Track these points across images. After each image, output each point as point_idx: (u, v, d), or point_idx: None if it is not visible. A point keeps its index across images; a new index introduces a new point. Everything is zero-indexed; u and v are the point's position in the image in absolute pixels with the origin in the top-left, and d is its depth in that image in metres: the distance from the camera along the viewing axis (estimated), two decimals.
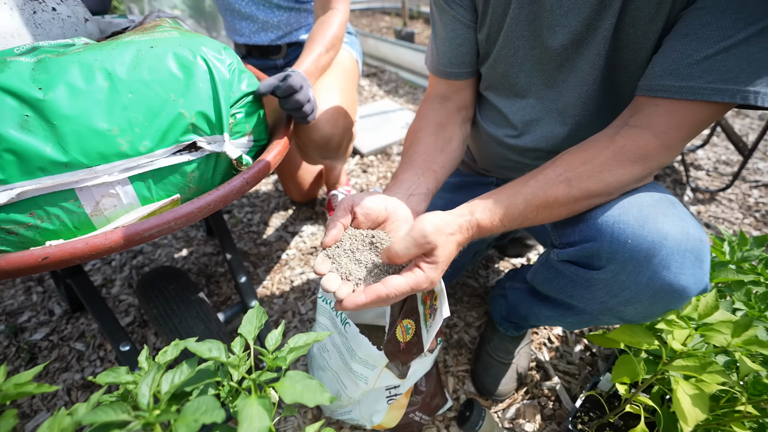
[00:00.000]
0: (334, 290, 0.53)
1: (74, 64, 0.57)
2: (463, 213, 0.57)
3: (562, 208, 0.59)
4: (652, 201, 0.58)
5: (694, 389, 0.55)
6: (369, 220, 0.61)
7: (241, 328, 0.47)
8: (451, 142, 0.77)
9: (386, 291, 0.50)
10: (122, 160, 0.60)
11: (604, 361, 1.06)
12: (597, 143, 0.59)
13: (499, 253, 1.40)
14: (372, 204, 0.61)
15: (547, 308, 0.82)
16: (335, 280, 0.54)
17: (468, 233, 0.57)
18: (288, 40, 1.27)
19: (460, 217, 0.56)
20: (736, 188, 1.76)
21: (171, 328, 0.81)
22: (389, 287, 0.51)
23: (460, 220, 0.55)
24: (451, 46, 0.75)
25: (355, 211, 0.60)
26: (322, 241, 0.58)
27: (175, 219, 0.57)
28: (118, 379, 0.45)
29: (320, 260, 0.56)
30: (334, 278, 0.55)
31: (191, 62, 0.65)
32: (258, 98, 0.76)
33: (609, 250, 0.57)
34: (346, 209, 0.60)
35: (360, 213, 0.60)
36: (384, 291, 0.50)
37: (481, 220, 0.57)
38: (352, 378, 0.75)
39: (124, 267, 1.44)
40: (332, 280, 0.54)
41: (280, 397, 0.40)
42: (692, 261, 0.54)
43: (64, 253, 0.49)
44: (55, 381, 1.08)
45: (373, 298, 0.50)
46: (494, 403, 0.98)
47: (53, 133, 0.54)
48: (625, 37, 0.60)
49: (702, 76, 0.52)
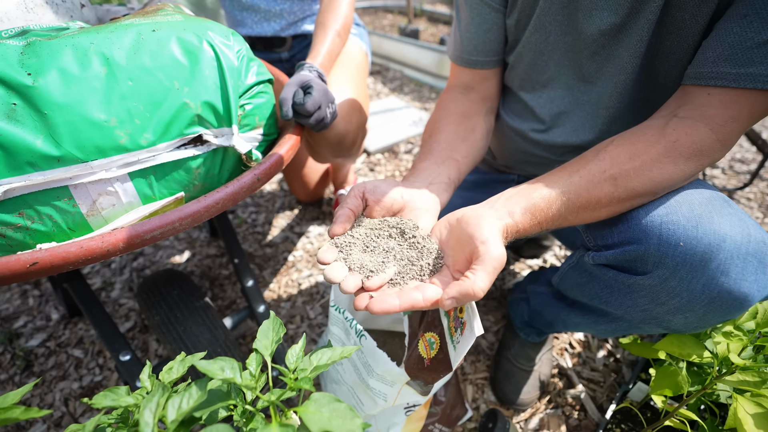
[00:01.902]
0: (339, 281, 0.46)
1: (68, 48, 0.51)
2: (502, 215, 0.49)
3: (603, 209, 0.53)
4: (704, 199, 0.52)
5: (756, 407, 0.49)
6: (383, 209, 0.55)
7: (257, 342, 0.42)
8: (475, 132, 0.71)
9: (423, 303, 0.43)
10: (121, 155, 0.55)
11: (629, 367, 1.01)
12: (645, 136, 0.52)
13: (514, 254, 1.34)
14: (386, 190, 0.55)
15: (576, 314, 0.76)
16: (341, 271, 0.47)
17: (506, 240, 0.49)
18: (293, 31, 1.21)
19: (501, 221, 0.48)
20: (754, 187, 1.70)
21: (175, 337, 0.76)
22: (427, 299, 0.44)
23: (500, 223, 0.48)
24: (477, 32, 0.69)
25: (367, 198, 0.54)
26: (329, 230, 0.51)
27: (180, 219, 0.52)
28: (118, 402, 0.40)
29: (325, 248, 0.49)
30: (339, 268, 0.47)
31: (197, 48, 0.60)
32: (268, 88, 0.70)
33: (657, 253, 0.51)
34: (357, 196, 0.54)
35: (372, 200, 0.54)
36: (421, 302, 0.43)
37: (521, 224, 0.50)
38: (370, 395, 0.69)
39: (124, 269, 1.38)
40: (337, 270, 0.46)
41: (306, 424, 0.34)
42: (755, 265, 0.49)
43: (56, 258, 0.44)
44: (52, 390, 1.02)
45: (406, 306, 0.43)
46: (516, 413, 0.93)
47: (44, 123, 0.49)
48: (670, 22, 0.54)
49: (764, 61, 0.46)
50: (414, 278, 0.47)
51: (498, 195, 0.53)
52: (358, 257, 0.48)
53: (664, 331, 0.61)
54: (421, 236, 0.50)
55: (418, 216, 0.55)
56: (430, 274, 0.48)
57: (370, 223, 0.53)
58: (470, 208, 0.51)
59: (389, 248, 0.50)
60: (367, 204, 0.54)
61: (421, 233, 0.51)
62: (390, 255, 0.49)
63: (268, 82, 0.72)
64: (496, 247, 0.43)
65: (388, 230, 0.52)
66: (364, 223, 0.53)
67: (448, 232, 0.50)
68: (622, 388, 0.86)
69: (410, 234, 0.51)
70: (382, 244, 0.50)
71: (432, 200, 0.57)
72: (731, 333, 0.54)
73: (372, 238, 0.51)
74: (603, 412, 0.90)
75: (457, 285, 0.42)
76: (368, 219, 0.53)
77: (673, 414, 0.65)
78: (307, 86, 0.73)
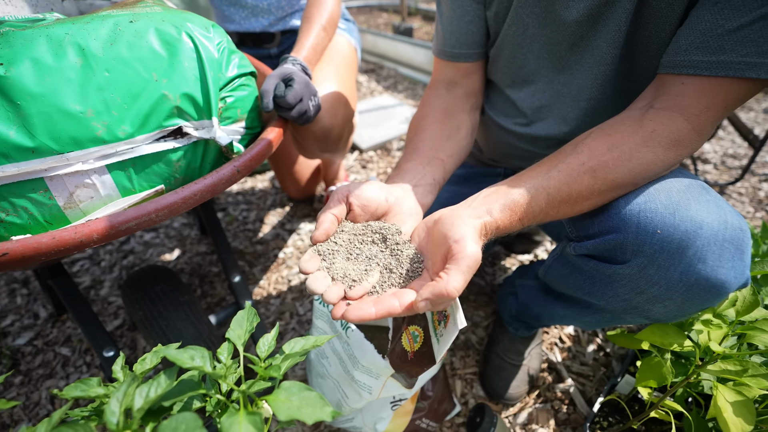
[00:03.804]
0: (321, 292, 0.45)
1: (41, 38, 0.51)
2: (480, 214, 0.48)
3: (584, 202, 0.53)
4: (682, 187, 0.52)
5: (736, 395, 0.49)
6: (367, 213, 0.53)
7: (229, 332, 0.41)
8: (460, 130, 0.71)
9: (399, 310, 0.42)
10: (98, 146, 0.54)
11: (618, 361, 1.01)
12: (623, 127, 0.52)
13: (506, 250, 1.34)
14: (370, 194, 0.53)
15: (561, 307, 0.76)
16: (323, 281, 0.46)
17: (486, 237, 0.48)
18: (282, 27, 1.21)
19: (478, 219, 0.47)
20: (745, 182, 1.71)
21: (158, 332, 0.75)
22: (403, 304, 0.43)
23: (477, 222, 0.47)
24: (459, 24, 0.69)
25: (351, 202, 0.53)
26: (311, 236, 0.50)
27: (157, 210, 0.51)
28: (87, 393, 0.39)
29: (307, 257, 0.48)
30: (322, 278, 0.46)
31: (175, 39, 0.59)
32: (251, 81, 0.70)
33: (635, 241, 0.51)
34: (340, 199, 0.53)
35: (356, 204, 0.53)
36: (397, 309, 0.42)
37: (500, 221, 0.49)
38: (355, 387, 0.68)
39: (113, 267, 1.38)
40: (319, 281, 0.46)
41: (274, 412, 0.34)
42: (732, 252, 0.48)
43: (27, 248, 0.43)
44: (39, 389, 1.01)
45: (383, 314, 0.42)
46: (505, 408, 0.92)
47: (17, 114, 0.48)
48: (647, 11, 0.54)
49: (735, 48, 0.46)
50: (393, 286, 0.47)
51: (477, 194, 0.52)
52: (341, 266, 0.47)
53: (645, 321, 0.61)
54: (402, 242, 0.50)
55: (403, 221, 0.54)
56: (408, 280, 0.47)
57: (353, 228, 0.52)
58: (448, 208, 0.50)
59: (372, 255, 0.49)
60: (351, 208, 0.53)
61: (403, 239, 0.50)
62: (372, 262, 0.48)
63: (250, 75, 0.72)
64: (470, 245, 0.42)
65: (371, 236, 0.51)
66: (347, 228, 0.51)
67: (426, 234, 0.50)
68: (611, 381, 0.86)
69: (392, 240, 0.50)
70: (365, 251, 0.49)
71: (416, 204, 0.57)
72: (710, 321, 0.54)
73: (355, 245, 0.50)
74: (592, 405, 0.90)
75: (430, 286, 0.41)
76: (351, 224, 0.52)
77: (658, 405, 0.65)
78: (289, 79, 0.73)
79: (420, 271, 0.48)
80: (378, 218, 0.55)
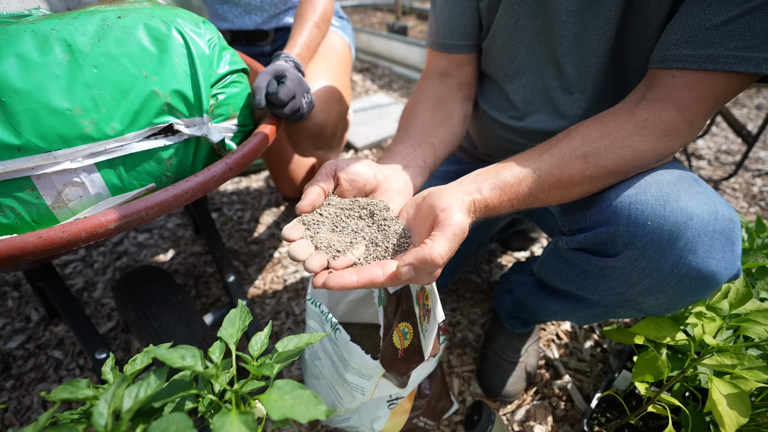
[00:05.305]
0: (302, 259, 0.43)
1: (27, 34, 0.50)
2: (470, 191, 0.48)
3: (575, 188, 0.53)
4: (673, 178, 0.52)
5: (731, 388, 0.49)
6: (354, 188, 0.53)
7: (221, 331, 0.41)
8: (452, 118, 0.71)
9: (382, 279, 0.41)
10: (87, 144, 0.53)
11: (616, 357, 1.01)
12: (616, 116, 0.53)
13: (502, 247, 1.34)
14: (359, 169, 0.53)
15: (556, 302, 0.76)
16: (306, 248, 0.44)
17: (474, 215, 0.48)
18: (275, 24, 1.20)
19: (468, 195, 0.47)
20: (739, 177, 1.72)
21: (150, 333, 0.74)
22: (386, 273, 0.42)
23: (466, 197, 0.47)
24: (452, 15, 0.69)
25: (339, 177, 0.52)
26: (296, 206, 0.49)
27: (147, 209, 0.51)
28: (76, 395, 0.38)
29: (291, 225, 0.47)
30: (304, 245, 0.45)
31: (165, 35, 0.58)
32: (243, 78, 0.69)
33: (626, 233, 0.51)
34: (328, 174, 0.52)
35: (344, 179, 0.52)
36: (380, 278, 0.41)
37: (490, 200, 0.49)
38: (347, 389, 0.67)
39: (107, 269, 1.36)
40: (302, 248, 0.44)
41: (267, 412, 0.33)
42: (722, 243, 0.48)
43: (13, 248, 0.42)
44: (30, 392, 1.00)
45: (365, 282, 0.41)
46: (502, 405, 0.92)
47: (2, 111, 0.47)
48: (637, 4, 0.55)
49: (722, 42, 0.46)
50: (378, 260, 0.46)
51: (468, 174, 0.52)
52: (325, 236, 0.46)
53: (638, 314, 0.61)
54: (390, 218, 0.49)
55: (391, 198, 0.54)
56: (395, 255, 0.46)
57: (340, 202, 0.51)
58: (438, 186, 0.49)
59: (358, 229, 0.48)
60: (339, 183, 0.53)
61: (391, 215, 0.50)
62: (359, 236, 0.47)
63: (242, 71, 0.71)
64: (457, 214, 0.42)
65: (359, 211, 0.50)
66: (334, 202, 0.51)
67: (414, 211, 0.50)
68: (608, 377, 0.86)
69: (380, 216, 0.49)
70: (351, 225, 0.48)
71: (406, 183, 0.57)
72: (703, 314, 0.53)
73: (342, 218, 0.49)
74: (590, 402, 0.90)
75: (414, 251, 0.39)
76: (339, 198, 0.52)
77: (655, 400, 0.65)
78: (281, 76, 0.72)
79: (407, 247, 0.47)
80: (366, 195, 0.54)
